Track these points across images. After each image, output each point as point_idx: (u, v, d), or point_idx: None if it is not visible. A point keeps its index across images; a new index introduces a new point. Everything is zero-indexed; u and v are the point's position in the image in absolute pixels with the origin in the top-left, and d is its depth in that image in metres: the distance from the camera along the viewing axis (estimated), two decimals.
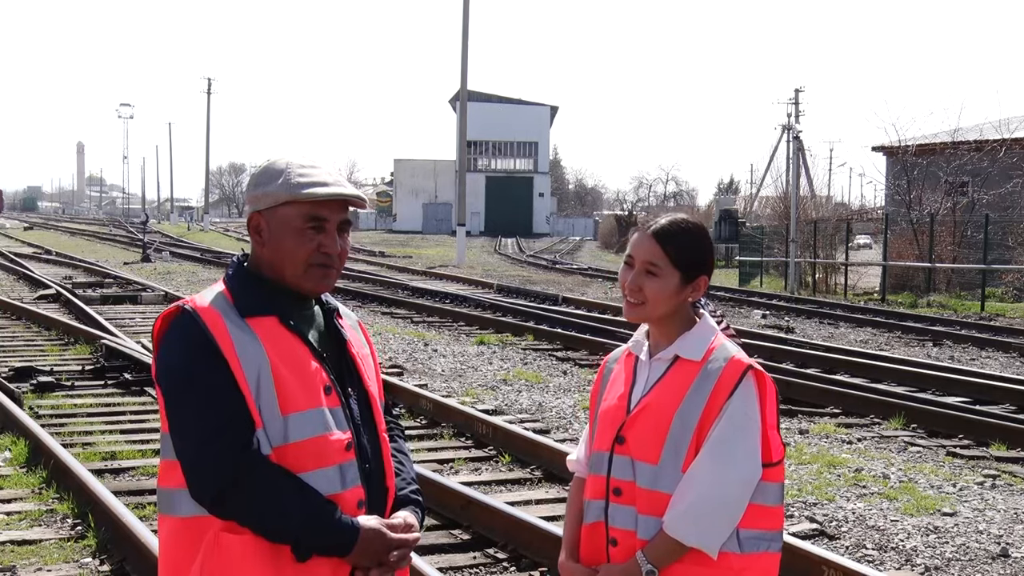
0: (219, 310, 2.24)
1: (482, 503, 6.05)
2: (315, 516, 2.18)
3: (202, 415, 2.17)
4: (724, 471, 2.34)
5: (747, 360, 2.42)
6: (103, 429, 8.53)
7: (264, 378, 2.19)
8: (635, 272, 2.47)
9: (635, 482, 2.42)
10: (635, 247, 2.49)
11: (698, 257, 2.48)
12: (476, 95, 72.41)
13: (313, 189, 2.26)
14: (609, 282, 29.62)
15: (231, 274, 2.34)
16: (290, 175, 2.28)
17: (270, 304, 2.28)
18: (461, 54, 39.14)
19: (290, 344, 2.25)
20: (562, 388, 11.02)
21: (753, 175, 76.40)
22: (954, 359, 14.41)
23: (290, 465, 2.20)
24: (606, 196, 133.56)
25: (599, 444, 2.53)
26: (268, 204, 2.28)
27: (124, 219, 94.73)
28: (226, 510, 2.17)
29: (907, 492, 7.13)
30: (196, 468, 2.18)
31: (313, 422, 2.22)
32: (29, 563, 5.42)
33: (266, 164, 2.35)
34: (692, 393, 2.40)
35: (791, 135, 34.10)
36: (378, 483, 2.35)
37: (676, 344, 2.47)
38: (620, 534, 2.44)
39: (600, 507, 2.49)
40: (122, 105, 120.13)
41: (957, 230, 27.77)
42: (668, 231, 2.47)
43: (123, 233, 58.14)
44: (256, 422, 2.18)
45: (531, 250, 55.12)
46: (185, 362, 2.20)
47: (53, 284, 20.86)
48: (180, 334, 2.22)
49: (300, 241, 2.27)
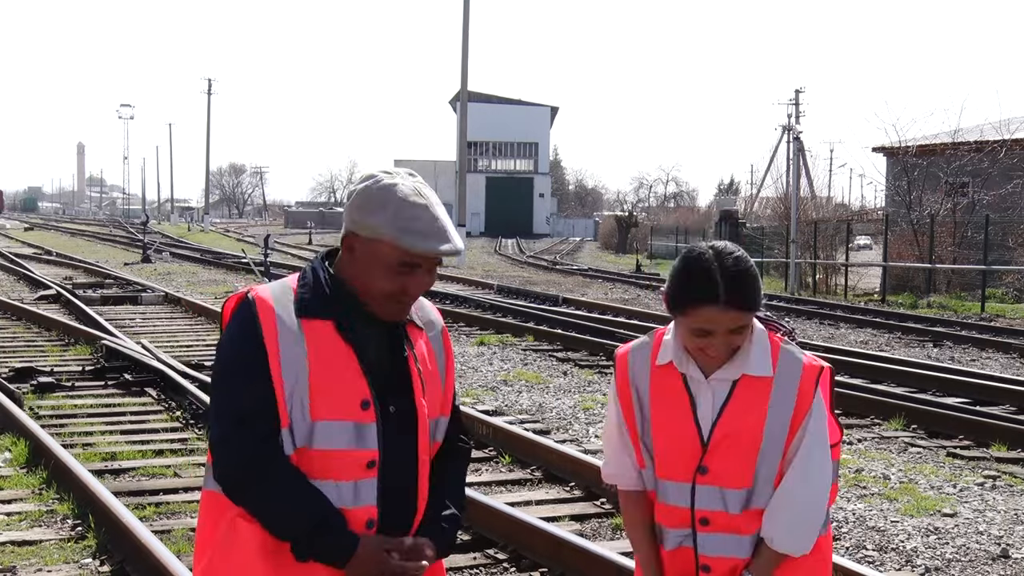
0: (277, 305, 2.24)
1: (482, 504, 6.04)
2: (318, 521, 2.18)
3: (231, 401, 2.23)
4: (816, 481, 2.37)
5: (816, 362, 2.41)
6: (103, 430, 8.53)
7: (300, 381, 2.19)
8: (721, 341, 2.33)
9: (726, 511, 2.39)
10: (712, 322, 2.30)
11: (759, 288, 2.35)
12: (476, 95, 72.40)
13: (422, 243, 2.18)
14: (609, 283, 29.64)
15: (307, 271, 2.32)
16: (398, 214, 2.18)
17: (331, 308, 2.25)
18: (461, 54, 39.21)
19: (339, 352, 2.23)
20: (562, 389, 11.02)
21: (753, 176, 76.38)
22: (954, 360, 14.40)
23: (308, 470, 2.21)
24: (606, 197, 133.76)
25: (670, 473, 2.43)
26: (370, 235, 2.22)
27: (124, 220, 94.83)
28: (237, 496, 2.23)
29: (907, 493, 7.14)
30: (217, 450, 2.26)
31: (339, 434, 2.21)
32: (29, 563, 5.42)
33: (374, 184, 2.23)
34: (774, 411, 2.37)
35: (791, 136, 34.13)
36: (403, 505, 2.31)
37: (739, 362, 2.38)
38: (713, 561, 2.41)
39: (684, 535, 2.43)
40: (122, 106, 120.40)
41: (957, 231, 27.74)
42: (744, 295, 2.29)
43: (123, 234, 58.11)
44: (283, 420, 2.19)
45: (531, 251, 55.14)
46: (230, 347, 2.27)
47: (53, 285, 20.84)
48: (235, 320, 2.26)
49: (389, 279, 2.23)
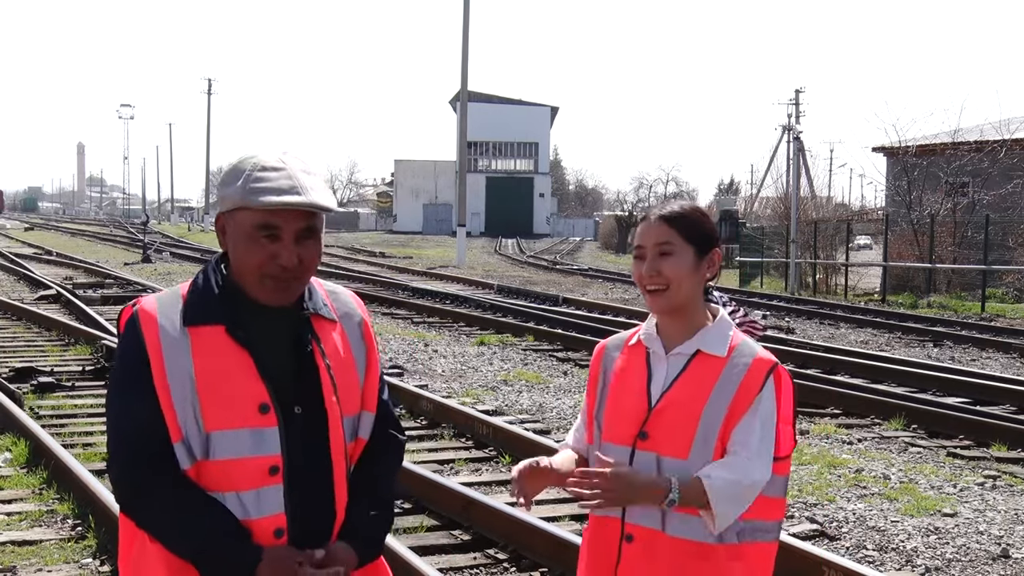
0: (161, 315, 2.15)
1: (483, 504, 6.05)
2: (214, 537, 2.10)
3: (118, 422, 2.17)
4: (752, 467, 2.35)
5: (771, 358, 2.42)
6: (103, 430, 8.51)
7: (189, 392, 2.10)
8: (649, 258, 2.44)
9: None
10: (643, 236, 2.47)
11: (707, 228, 2.47)
12: (476, 95, 72.39)
13: (266, 197, 2.10)
14: (609, 283, 29.60)
15: (199, 274, 2.24)
16: (248, 178, 2.13)
17: (219, 312, 2.16)
18: (461, 54, 39.19)
19: (229, 357, 2.13)
20: (562, 389, 11.01)
21: (753, 176, 76.35)
22: (954, 360, 14.40)
23: (207, 482, 2.13)
24: (606, 197, 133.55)
25: (614, 437, 2.47)
26: (227, 207, 2.17)
27: (124, 220, 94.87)
28: (133, 518, 2.18)
29: (907, 493, 7.13)
30: (110, 472, 2.21)
31: (235, 442, 2.12)
32: (29, 563, 5.42)
33: (234, 163, 2.20)
34: (719, 389, 2.39)
35: (791, 136, 34.14)
36: (319, 510, 2.21)
37: (697, 339, 2.44)
38: (636, 530, 2.42)
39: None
40: (122, 106, 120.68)
41: (957, 231, 27.74)
42: (673, 211, 2.47)
43: (123, 234, 58.13)
44: (174, 435, 2.10)
45: (531, 251, 55.12)
46: (117, 365, 2.21)
47: (53, 285, 20.84)
48: (123, 334, 2.19)
49: (252, 250, 2.14)
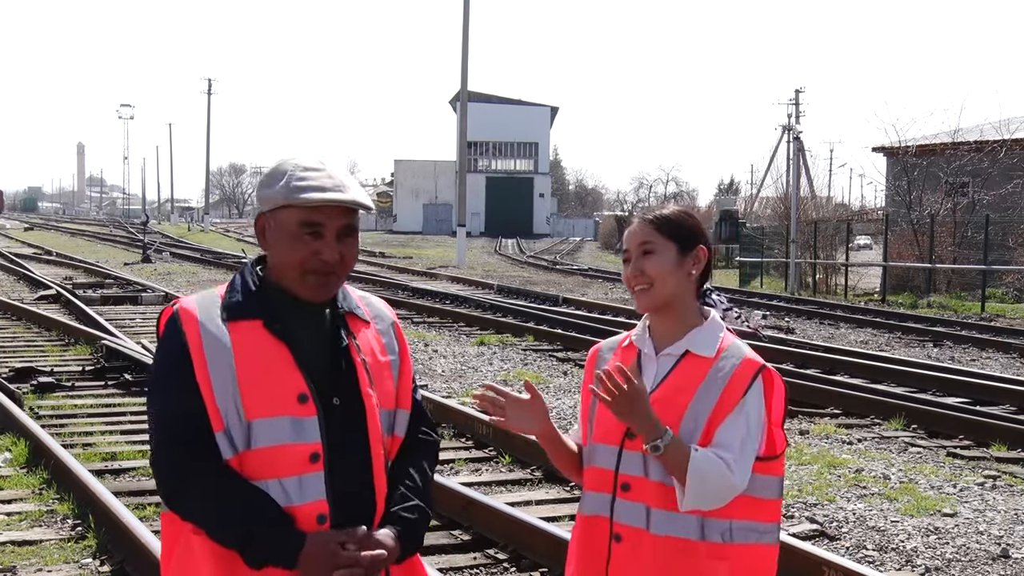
0: (201, 312, 2.25)
1: (483, 504, 6.05)
2: (260, 524, 2.15)
3: (160, 416, 2.25)
4: (733, 470, 2.33)
5: (759, 360, 2.43)
6: (103, 430, 8.53)
7: (230, 383, 2.18)
8: (633, 259, 2.50)
9: (647, 476, 2.40)
10: (628, 239, 2.53)
11: (688, 225, 2.51)
12: (476, 95, 72.39)
13: (310, 195, 2.22)
14: (609, 283, 29.59)
15: (236, 276, 2.34)
16: (291, 178, 2.24)
17: (257, 308, 2.26)
18: (461, 54, 39.19)
19: (268, 350, 2.22)
20: (562, 389, 11.01)
21: (753, 176, 76.33)
22: (954, 360, 14.40)
23: (250, 471, 2.19)
24: (606, 197, 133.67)
25: (603, 437, 2.50)
26: (270, 207, 2.27)
27: (124, 220, 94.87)
28: (178, 510, 2.23)
29: (907, 493, 7.14)
30: (154, 467, 2.28)
31: (276, 430, 2.19)
32: (29, 563, 5.42)
33: (275, 164, 2.32)
34: (704, 389, 2.40)
35: (791, 136, 34.15)
36: (359, 499, 2.28)
37: (686, 339, 2.46)
38: (626, 530, 2.43)
39: (603, 501, 2.46)
40: (122, 106, 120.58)
41: (957, 231, 27.75)
42: (654, 213, 2.53)
43: (123, 234, 58.11)
44: (215, 425, 2.18)
45: (531, 251, 55.11)
46: (158, 362, 2.30)
47: (53, 285, 20.85)
48: (164, 334, 2.28)
49: (296, 247, 2.24)
